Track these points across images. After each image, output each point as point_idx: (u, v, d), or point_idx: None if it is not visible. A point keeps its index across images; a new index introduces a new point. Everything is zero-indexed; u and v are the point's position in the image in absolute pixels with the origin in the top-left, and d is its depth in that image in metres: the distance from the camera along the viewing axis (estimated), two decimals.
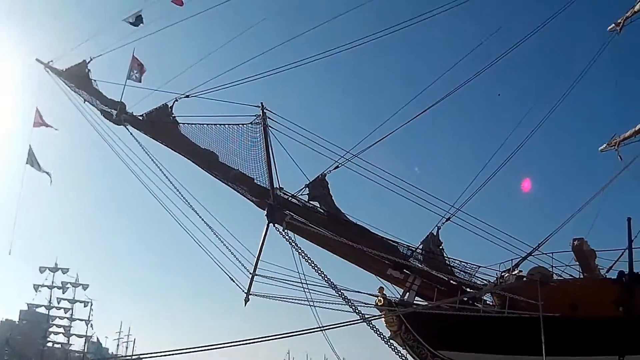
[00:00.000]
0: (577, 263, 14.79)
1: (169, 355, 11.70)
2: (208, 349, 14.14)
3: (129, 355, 75.87)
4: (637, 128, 19.55)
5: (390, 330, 14.47)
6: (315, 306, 14.22)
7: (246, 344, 13.99)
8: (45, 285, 78.16)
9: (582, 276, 14.89)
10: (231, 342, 14.04)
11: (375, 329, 13.97)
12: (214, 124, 14.45)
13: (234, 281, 14.30)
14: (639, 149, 17.04)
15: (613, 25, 19.40)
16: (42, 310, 78.62)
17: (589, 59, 17.19)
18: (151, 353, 11.84)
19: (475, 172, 16.07)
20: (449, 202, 14.88)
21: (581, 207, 14.88)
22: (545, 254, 14.72)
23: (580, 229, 15.12)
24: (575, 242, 14.42)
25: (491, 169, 16.13)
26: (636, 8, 18.98)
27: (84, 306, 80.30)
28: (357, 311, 13.91)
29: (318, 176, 14.46)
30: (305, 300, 14.25)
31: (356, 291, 14.23)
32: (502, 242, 14.56)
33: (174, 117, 14.78)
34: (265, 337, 13.61)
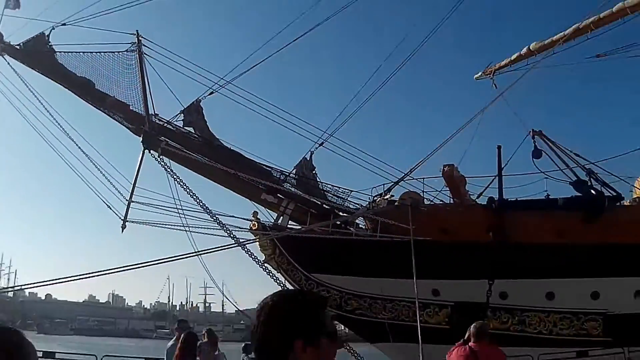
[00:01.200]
0: (448, 189, 15.22)
1: (51, 284, 11.79)
2: (88, 277, 14.08)
3: (11, 287, 75.05)
4: (512, 57, 19.92)
5: (264, 254, 14.73)
6: (191, 232, 14.29)
7: (124, 270, 14.05)
8: None
9: (452, 202, 15.35)
10: (110, 269, 14.01)
11: (250, 253, 14.22)
12: (90, 52, 14.52)
13: (110, 208, 14.36)
14: (514, 78, 17.32)
15: None
16: None
17: None
18: (32, 283, 11.98)
19: (349, 98, 16.36)
20: (322, 128, 15.20)
21: (453, 133, 15.12)
22: (417, 179, 15.10)
23: (453, 156, 15.49)
24: (446, 168, 14.68)
25: (365, 95, 16.43)
26: None
27: None
28: (232, 236, 14.06)
29: (193, 102, 14.61)
30: (181, 226, 14.41)
31: (231, 216, 14.46)
32: (375, 167, 14.86)
33: (51, 45, 14.76)
34: (143, 263, 13.65)
